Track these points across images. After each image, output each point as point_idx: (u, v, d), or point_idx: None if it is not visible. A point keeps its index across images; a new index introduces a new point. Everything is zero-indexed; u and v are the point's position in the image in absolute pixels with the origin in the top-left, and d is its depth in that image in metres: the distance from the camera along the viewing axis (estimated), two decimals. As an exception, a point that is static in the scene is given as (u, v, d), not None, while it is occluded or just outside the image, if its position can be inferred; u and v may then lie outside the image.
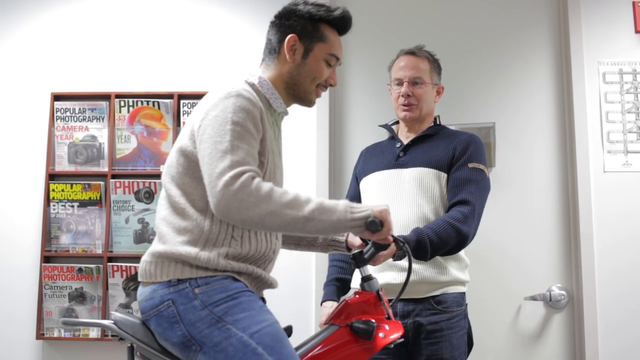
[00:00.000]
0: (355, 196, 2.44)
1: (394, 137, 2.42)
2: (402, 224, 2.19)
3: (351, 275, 2.38)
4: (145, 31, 3.03)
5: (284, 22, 1.80)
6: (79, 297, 2.83)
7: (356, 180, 2.46)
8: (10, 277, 2.90)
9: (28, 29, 3.06)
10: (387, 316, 1.72)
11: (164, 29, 3.03)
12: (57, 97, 2.96)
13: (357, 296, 1.76)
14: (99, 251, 2.86)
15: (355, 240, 1.93)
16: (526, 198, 2.86)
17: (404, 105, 2.33)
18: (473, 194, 2.18)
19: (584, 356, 2.69)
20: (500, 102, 2.93)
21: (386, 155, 2.38)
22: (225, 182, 1.50)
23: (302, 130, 2.91)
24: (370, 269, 2.27)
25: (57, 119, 2.94)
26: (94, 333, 2.81)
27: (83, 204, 2.88)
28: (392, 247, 1.91)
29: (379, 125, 2.52)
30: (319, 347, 1.67)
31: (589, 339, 2.69)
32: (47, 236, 2.87)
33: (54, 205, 2.88)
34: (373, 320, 1.66)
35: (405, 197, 2.24)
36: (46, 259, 2.86)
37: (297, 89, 1.80)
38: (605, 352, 2.69)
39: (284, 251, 1.90)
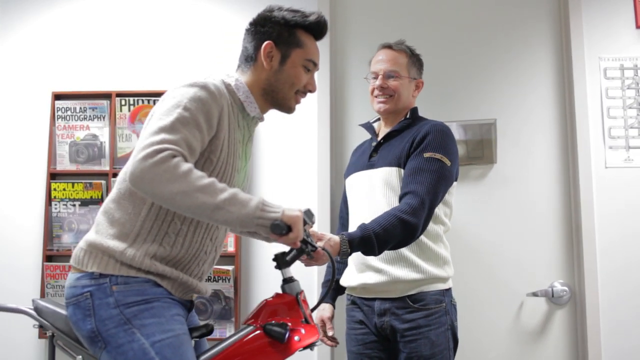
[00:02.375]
0: (344, 200, 2.50)
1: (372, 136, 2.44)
2: None
3: (341, 274, 2.41)
4: (145, 30, 3.03)
5: (260, 29, 1.79)
6: (81, 296, 2.83)
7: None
8: (12, 277, 2.89)
9: (29, 28, 3.06)
10: (304, 320, 1.69)
11: (165, 28, 3.03)
12: (57, 96, 2.96)
13: (276, 298, 1.73)
14: (101, 250, 2.85)
15: None
16: (527, 194, 2.86)
17: (377, 97, 2.34)
18: (422, 184, 2.11)
19: (586, 352, 2.70)
20: (501, 98, 2.93)
21: (364, 155, 2.41)
22: (147, 154, 1.50)
23: (303, 129, 2.92)
24: (349, 270, 2.30)
25: (58, 118, 2.93)
26: (96, 332, 2.81)
27: (84, 203, 2.88)
28: (336, 247, 1.90)
29: (359, 125, 2.53)
30: (232, 348, 1.67)
31: (591, 335, 2.69)
32: (49, 235, 2.87)
33: (55, 205, 2.88)
34: (287, 324, 1.64)
35: (376, 199, 2.24)
36: (48, 258, 2.86)
37: (275, 96, 1.79)
38: (609, 348, 2.69)
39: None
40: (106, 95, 2.95)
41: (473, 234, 2.85)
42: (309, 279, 2.80)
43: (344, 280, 2.37)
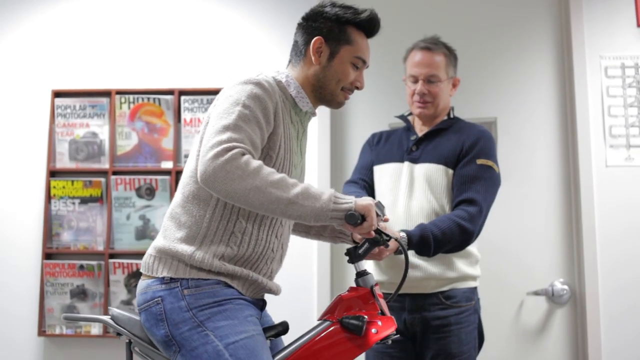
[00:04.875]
0: (365, 166, 2.41)
1: (409, 128, 2.39)
2: (412, 218, 2.20)
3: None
4: (145, 28, 3.03)
5: (311, 24, 1.78)
6: (80, 294, 2.83)
7: (370, 154, 2.42)
8: (11, 274, 2.89)
9: (28, 26, 3.05)
10: (380, 312, 1.69)
11: (165, 26, 3.03)
12: (57, 94, 2.96)
13: (350, 292, 1.73)
14: (100, 248, 2.85)
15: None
16: (528, 193, 2.85)
17: (418, 102, 2.31)
18: (480, 192, 2.18)
19: (586, 351, 2.69)
20: (502, 96, 2.93)
21: (401, 146, 2.35)
22: (216, 153, 1.51)
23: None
24: (373, 265, 2.28)
25: (57, 116, 2.93)
26: (95, 330, 2.81)
27: (84, 200, 2.88)
28: (395, 243, 1.89)
29: (395, 116, 2.48)
30: (309, 344, 1.66)
31: (591, 334, 2.68)
32: (48, 233, 2.87)
33: (55, 202, 2.88)
34: (364, 316, 1.64)
35: (415, 193, 2.24)
36: (47, 255, 2.86)
37: (323, 91, 1.79)
38: (608, 347, 2.68)
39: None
40: (106, 93, 2.95)
41: (473, 232, 2.84)
42: (309, 275, 2.80)
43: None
